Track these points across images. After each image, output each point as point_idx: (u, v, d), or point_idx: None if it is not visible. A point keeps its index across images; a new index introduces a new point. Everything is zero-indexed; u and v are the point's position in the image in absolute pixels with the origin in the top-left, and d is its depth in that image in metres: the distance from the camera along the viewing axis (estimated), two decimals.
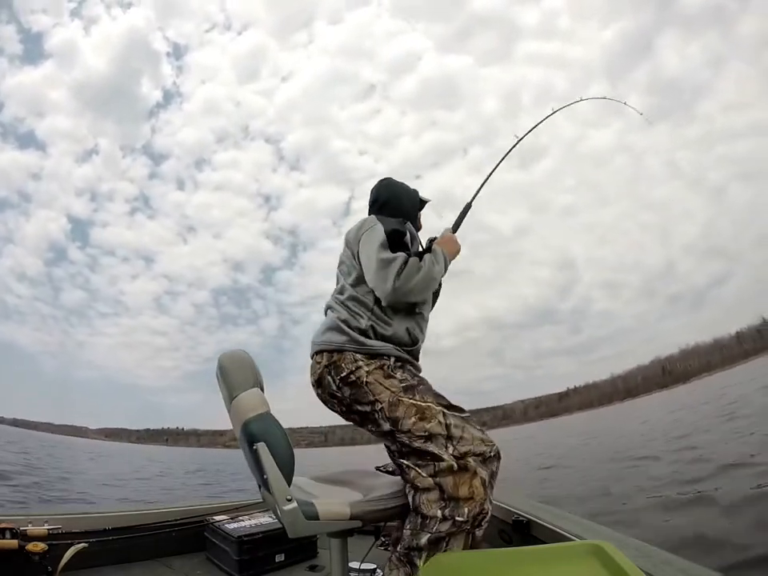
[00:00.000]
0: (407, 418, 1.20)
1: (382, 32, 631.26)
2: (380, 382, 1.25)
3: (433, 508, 1.14)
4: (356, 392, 1.27)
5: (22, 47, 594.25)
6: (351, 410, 1.31)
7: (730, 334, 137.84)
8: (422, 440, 1.19)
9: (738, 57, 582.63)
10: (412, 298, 1.33)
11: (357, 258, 1.40)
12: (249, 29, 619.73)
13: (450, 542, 1.12)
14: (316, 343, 1.36)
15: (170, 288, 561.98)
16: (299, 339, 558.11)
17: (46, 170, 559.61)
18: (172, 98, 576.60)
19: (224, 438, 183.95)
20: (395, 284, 1.26)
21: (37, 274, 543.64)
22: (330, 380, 1.30)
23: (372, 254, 1.32)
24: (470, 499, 1.14)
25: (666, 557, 1.25)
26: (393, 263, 1.28)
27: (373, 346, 1.30)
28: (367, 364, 1.27)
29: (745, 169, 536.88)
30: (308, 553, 2.12)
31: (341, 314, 1.36)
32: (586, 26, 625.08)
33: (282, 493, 1.06)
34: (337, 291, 1.46)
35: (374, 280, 1.31)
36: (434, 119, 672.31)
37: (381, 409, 1.23)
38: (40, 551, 1.55)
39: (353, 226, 1.49)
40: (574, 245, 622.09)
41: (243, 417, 1.10)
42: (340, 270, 1.49)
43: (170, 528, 2.01)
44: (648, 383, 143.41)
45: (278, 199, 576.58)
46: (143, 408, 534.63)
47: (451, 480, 1.15)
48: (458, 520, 1.12)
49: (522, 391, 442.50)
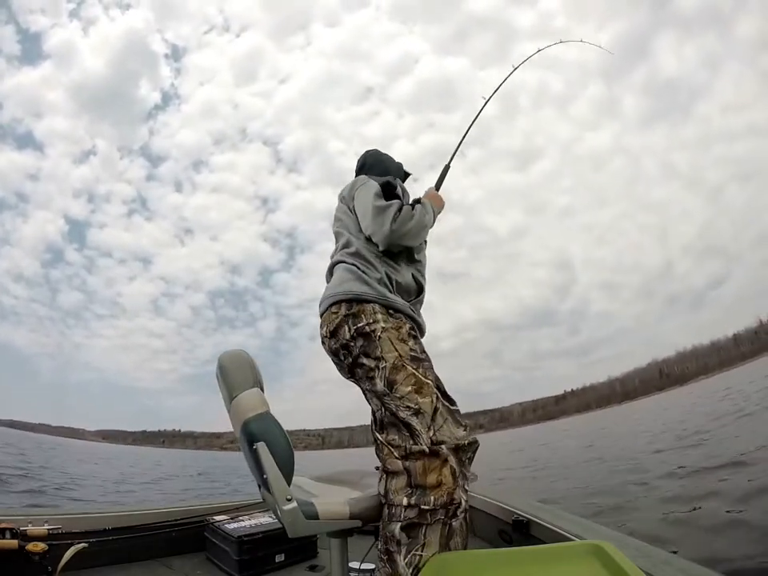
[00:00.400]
0: (404, 386, 1.21)
1: (379, 34, 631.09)
2: (392, 341, 1.25)
3: (399, 494, 1.14)
4: (367, 344, 1.26)
5: (20, 47, 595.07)
6: (356, 363, 1.29)
7: (727, 336, 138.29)
8: (410, 412, 1.19)
9: (735, 58, 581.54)
10: (407, 242, 1.41)
11: (354, 212, 1.48)
12: (247, 31, 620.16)
13: (426, 532, 1.10)
14: (334, 294, 1.35)
15: (167, 290, 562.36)
16: (297, 341, 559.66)
17: (43, 170, 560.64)
18: (170, 100, 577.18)
19: (221, 440, 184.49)
20: (392, 227, 1.34)
21: (34, 275, 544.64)
22: (347, 329, 1.29)
23: (368, 203, 1.40)
24: (436, 487, 1.13)
25: (666, 557, 1.25)
26: (389, 209, 1.36)
27: (395, 302, 1.33)
28: (385, 320, 1.28)
29: (743, 169, 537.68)
30: (308, 553, 2.12)
31: (356, 264, 1.37)
32: (583, 27, 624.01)
33: (281, 492, 1.06)
34: (342, 246, 1.47)
35: (371, 226, 1.37)
36: (431, 121, 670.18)
37: (383, 367, 1.23)
38: (40, 551, 1.55)
39: (345, 186, 1.59)
40: (572, 246, 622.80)
41: (243, 416, 1.10)
42: (339, 226, 1.53)
43: (169, 528, 2.01)
44: (646, 386, 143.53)
45: (275, 201, 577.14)
46: (140, 410, 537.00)
47: (420, 466, 1.14)
48: (424, 508, 1.10)
49: (520, 393, 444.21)
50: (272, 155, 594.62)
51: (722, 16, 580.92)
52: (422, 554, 1.10)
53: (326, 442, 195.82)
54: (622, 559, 0.83)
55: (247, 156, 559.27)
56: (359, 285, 1.32)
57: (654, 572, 1.13)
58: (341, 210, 1.55)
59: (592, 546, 0.91)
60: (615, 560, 0.83)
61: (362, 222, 1.43)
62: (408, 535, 1.11)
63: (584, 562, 0.88)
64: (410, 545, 1.10)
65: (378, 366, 1.24)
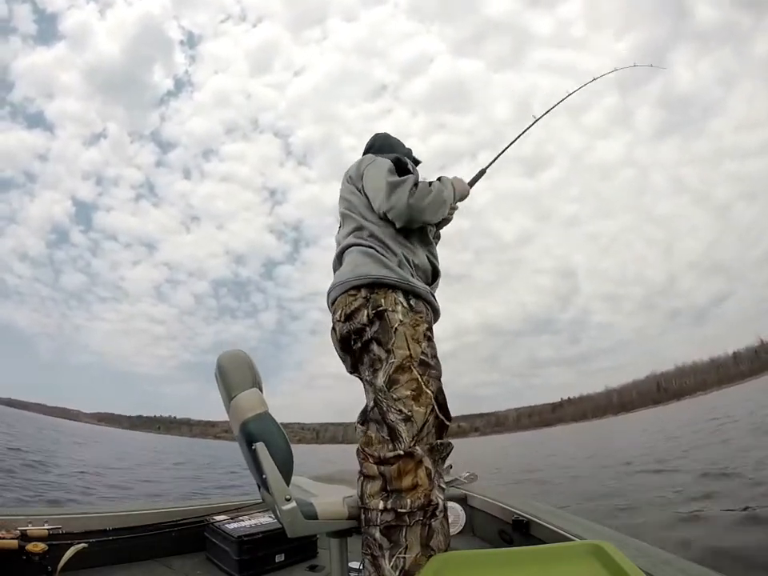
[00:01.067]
0: (404, 388, 1.16)
1: (396, 32, 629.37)
2: (407, 338, 1.19)
3: (375, 498, 1.12)
4: (382, 331, 1.20)
5: (37, 27, 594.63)
6: (366, 349, 1.23)
7: (727, 353, 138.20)
8: (401, 416, 1.15)
9: (750, 76, 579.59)
10: (426, 217, 1.33)
11: (363, 192, 1.39)
12: (263, 21, 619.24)
13: (406, 534, 1.08)
14: (353, 278, 1.26)
15: (171, 276, 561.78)
16: (297, 335, 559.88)
17: (52, 151, 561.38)
18: (183, 87, 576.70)
19: (216, 429, 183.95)
20: (409, 200, 1.26)
21: (38, 255, 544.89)
22: (365, 313, 1.21)
23: (380, 180, 1.31)
24: (412, 490, 1.11)
25: (666, 557, 1.25)
26: (404, 183, 1.28)
27: (416, 286, 1.26)
28: (404, 313, 1.22)
29: (751, 188, 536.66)
30: (308, 553, 2.11)
31: (372, 246, 1.30)
32: (601, 35, 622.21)
33: (280, 492, 1.06)
34: (353, 228, 1.38)
35: (387, 202, 1.29)
36: (444, 122, 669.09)
37: (390, 363, 1.18)
38: (40, 551, 1.55)
39: (351, 166, 1.49)
40: (576, 255, 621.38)
41: (242, 417, 1.10)
42: (347, 207, 1.43)
43: (169, 528, 2.01)
44: (643, 398, 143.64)
45: (283, 194, 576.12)
46: (137, 395, 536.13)
47: (395, 469, 1.11)
48: (400, 511, 1.09)
49: (517, 399, 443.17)
50: (282, 147, 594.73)
51: (740, 33, 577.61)
52: (405, 556, 1.09)
53: (320, 437, 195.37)
54: (622, 559, 0.82)
55: (257, 147, 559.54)
56: (378, 268, 1.25)
57: (653, 572, 1.13)
58: (347, 190, 1.44)
59: (592, 546, 0.90)
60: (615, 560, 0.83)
61: (374, 201, 1.34)
62: (389, 539, 1.09)
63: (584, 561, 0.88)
64: (393, 549, 1.09)
65: (386, 360, 1.19)
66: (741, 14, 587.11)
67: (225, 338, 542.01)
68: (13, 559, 1.52)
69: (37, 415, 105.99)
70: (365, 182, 1.38)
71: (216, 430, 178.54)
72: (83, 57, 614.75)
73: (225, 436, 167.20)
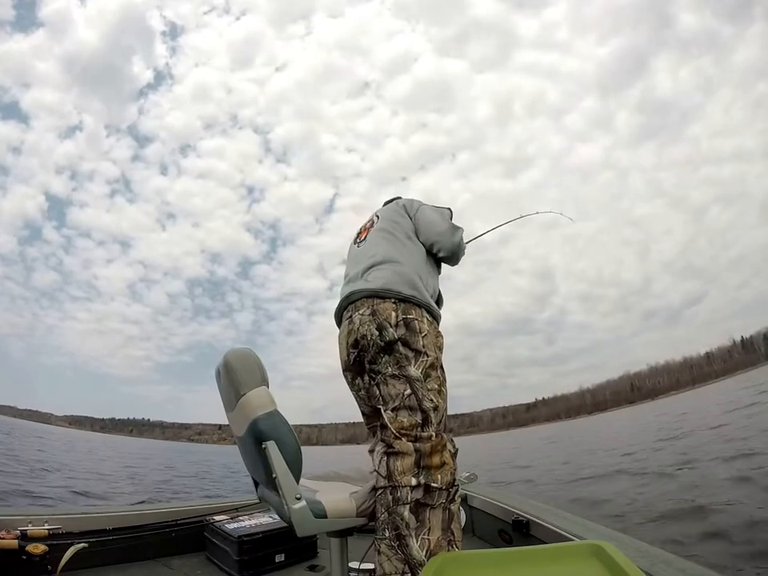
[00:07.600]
0: (434, 382, 1.33)
1: (381, 30, 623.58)
2: (433, 342, 1.37)
3: (407, 475, 1.18)
4: (410, 336, 1.33)
5: (15, 13, 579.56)
6: (390, 349, 1.32)
7: (699, 353, 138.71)
8: (432, 405, 1.29)
9: (729, 84, 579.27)
10: (458, 259, 1.66)
11: (409, 217, 1.60)
12: (247, 14, 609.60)
13: (430, 516, 1.18)
14: (382, 290, 1.38)
15: (145, 275, 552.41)
16: (273, 336, 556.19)
17: (26, 143, 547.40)
18: (163, 80, 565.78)
19: (189, 431, 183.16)
20: (461, 244, 1.60)
21: (9, 252, 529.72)
22: (395, 315, 1.35)
23: (443, 219, 1.61)
24: (441, 467, 1.23)
25: (666, 557, 1.25)
26: (460, 229, 1.61)
27: (436, 311, 1.46)
28: (430, 323, 1.39)
29: (726, 192, 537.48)
30: (308, 553, 2.12)
31: (408, 267, 1.45)
32: (584, 40, 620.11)
33: (291, 491, 1.06)
34: (392, 247, 1.50)
35: (446, 234, 1.56)
36: (425, 122, 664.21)
37: (424, 360, 1.32)
38: (40, 552, 1.55)
39: (392, 202, 1.70)
40: (553, 256, 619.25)
41: (252, 415, 1.09)
42: (393, 228, 1.56)
43: (169, 528, 2.01)
44: (617, 398, 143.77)
45: (261, 191, 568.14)
46: (110, 397, 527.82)
47: (429, 446, 1.24)
48: (433, 486, 1.19)
49: (492, 399, 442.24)
50: (261, 144, 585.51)
51: (721, 42, 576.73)
52: (429, 537, 1.16)
53: (301, 439, 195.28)
54: (622, 559, 0.83)
55: (236, 143, 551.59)
56: (409, 289, 1.40)
57: (653, 572, 1.13)
58: (397, 213, 1.61)
59: (592, 545, 0.90)
60: (615, 560, 0.83)
61: (431, 228, 1.56)
62: (417, 518, 1.16)
63: (584, 562, 0.88)
64: (419, 528, 1.16)
65: (417, 358, 1.33)
66: (722, 23, 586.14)
67: (199, 338, 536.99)
68: (13, 559, 1.52)
69: (7, 418, 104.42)
70: (421, 213, 1.60)
71: (189, 433, 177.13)
72: (62, 45, 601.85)
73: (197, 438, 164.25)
